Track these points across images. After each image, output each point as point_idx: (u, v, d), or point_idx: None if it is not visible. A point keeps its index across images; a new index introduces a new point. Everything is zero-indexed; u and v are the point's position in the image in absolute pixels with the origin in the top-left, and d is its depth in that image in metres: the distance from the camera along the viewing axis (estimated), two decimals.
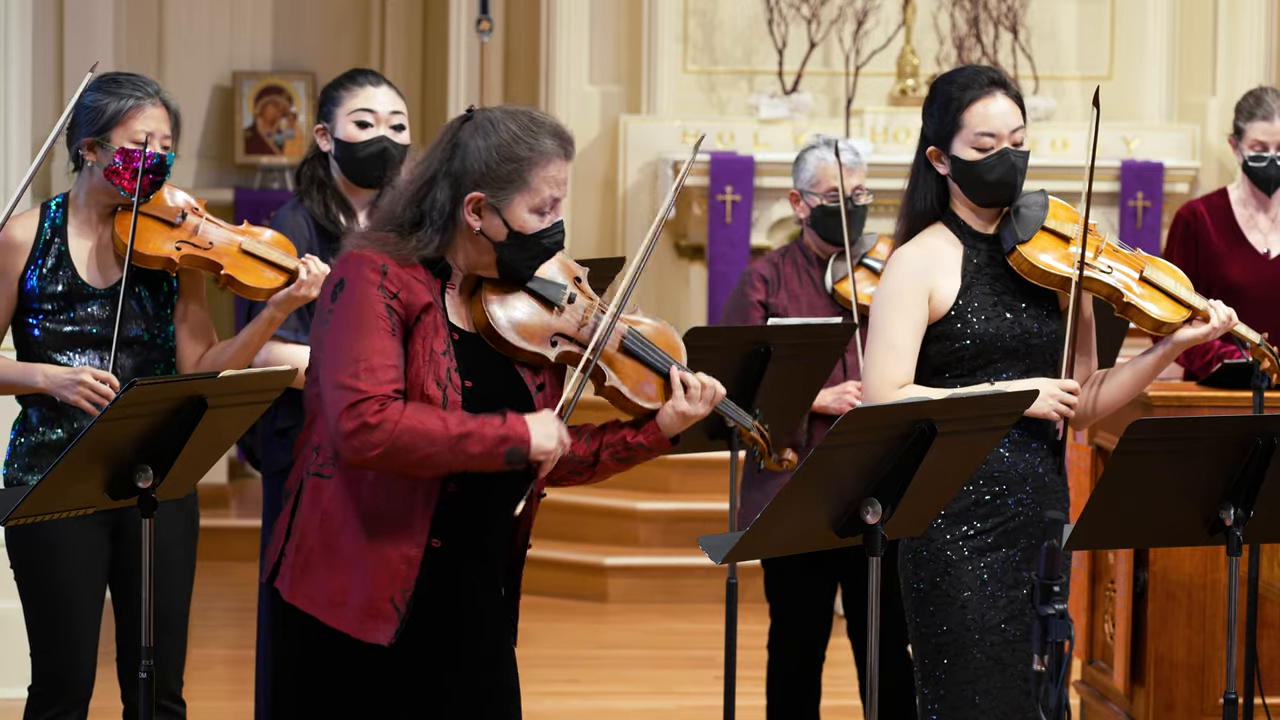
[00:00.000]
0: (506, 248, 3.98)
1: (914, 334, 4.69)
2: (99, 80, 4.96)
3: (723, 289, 10.53)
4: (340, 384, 3.87)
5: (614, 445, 4.09)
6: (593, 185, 10.82)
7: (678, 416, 4.05)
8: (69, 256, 4.94)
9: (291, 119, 11.71)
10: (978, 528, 4.68)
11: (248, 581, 8.68)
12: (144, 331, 4.96)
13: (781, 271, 6.08)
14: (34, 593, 4.96)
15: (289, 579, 3.99)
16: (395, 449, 3.85)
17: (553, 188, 3.98)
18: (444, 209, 3.96)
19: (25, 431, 4.97)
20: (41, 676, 4.97)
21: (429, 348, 3.93)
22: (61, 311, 4.92)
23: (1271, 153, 6.54)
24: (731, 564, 4.73)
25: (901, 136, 10.81)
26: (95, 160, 4.92)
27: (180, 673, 5.09)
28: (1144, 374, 4.85)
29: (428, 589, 3.97)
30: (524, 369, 4.05)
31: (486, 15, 10.92)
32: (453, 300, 4.02)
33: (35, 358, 4.93)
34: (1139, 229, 10.68)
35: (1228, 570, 4.47)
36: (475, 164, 3.95)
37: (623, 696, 7.68)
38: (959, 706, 4.67)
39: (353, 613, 3.94)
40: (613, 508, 9.53)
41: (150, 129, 4.90)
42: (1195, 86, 11.33)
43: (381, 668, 3.98)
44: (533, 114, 4.02)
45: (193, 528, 5.09)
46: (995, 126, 4.69)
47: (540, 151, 3.96)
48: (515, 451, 3.91)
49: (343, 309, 3.91)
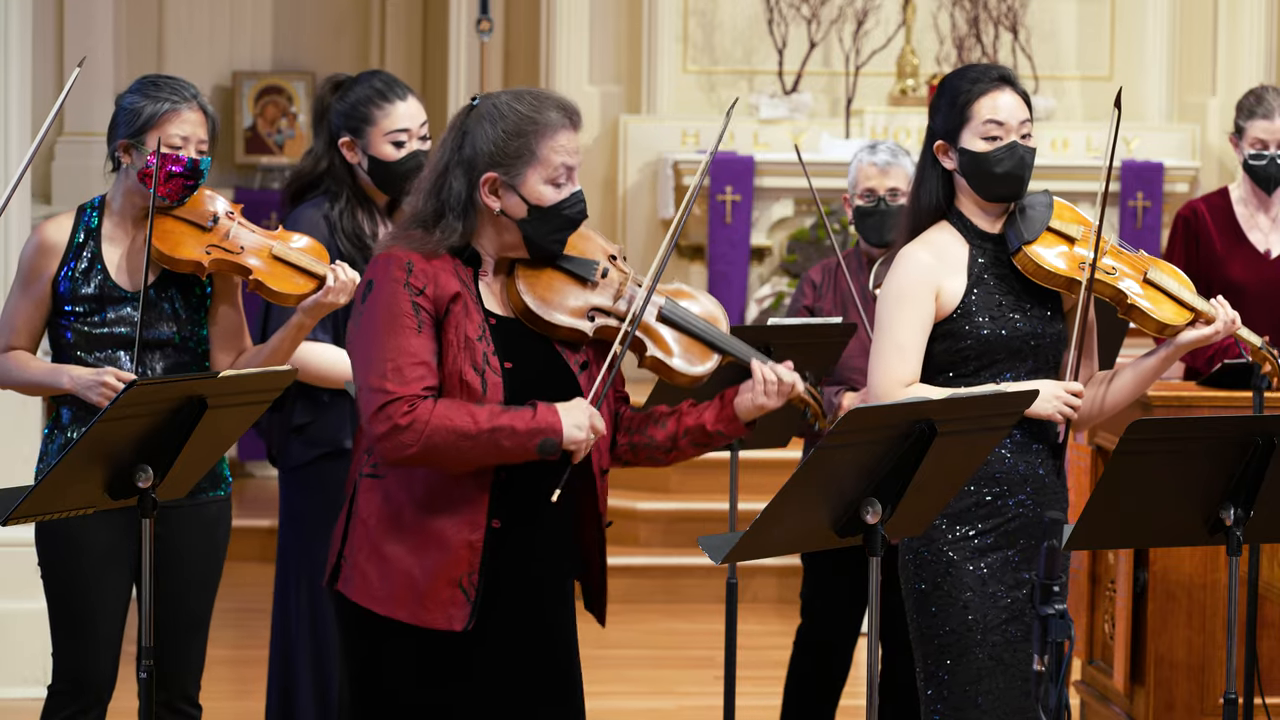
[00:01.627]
0: (529, 223, 4.01)
1: (920, 333, 4.69)
2: (139, 82, 4.99)
3: (723, 289, 10.54)
4: (370, 387, 3.93)
5: (693, 431, 4.14)
6: (593, 185, 10.82)
7: (755, 408, 4.10)
8: (101, 259, 4.96)
9: (291, 119, 11.71)
10: (979, 529, 4.68)
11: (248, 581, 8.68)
12: (175, 334, 4.96)
13: (833, 275, 6.12)
14: (56, 591, 4.98)
15: (353, 580, 4.02)
16: (429, 447, 3.89)
17: (564, 156, 4.02)
18: (461, 196, 4.00)
19: (56, 430, 5.00)
20: (61, 675, 4.99)
21: (462, 335, 3.97)
22: (93, 314, 4.94)
23: (1272, 151, 6.53)
24: (731, 564, 4.73)
25: (901, 136, 10.81)
26: (130, 162, 4.93)
27: (199, 676, 5.09)
28: (1146, 376, 4.85)
29: (495, 570, 4.00)
30: (565, 349, 4.07)
31: (486, 15, 10.92)
32: (488, 287, 4.05)
33: (67, 359, 4.95)
34: (1139, 229, 10.69)
35: (1228, 570, 4.47)
36: (485, 146, 4.00)
37: (623, 696, 7.68)
38: (962, 707, 4.67)
39: (422, 603, 3.97)
40: (613, 508, 9.47)
41: (185, 133, 4.91)
42: (1195, 86, 11.33)
43: (456, 654, 4.00)
44: (535, 91, 4.08)
45: (225, 530, 5.09)
46: (1003, 116, 4.69)
47: (546, 124, 4.02)
48: (548, 443, 3.93)
49: (370, 310, 3.96)
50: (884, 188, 6.03)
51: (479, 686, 4.04)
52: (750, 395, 4.10)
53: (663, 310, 4.11)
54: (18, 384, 5.00)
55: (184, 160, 4.89)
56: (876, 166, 6.04)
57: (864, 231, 6.06)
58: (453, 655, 4.01)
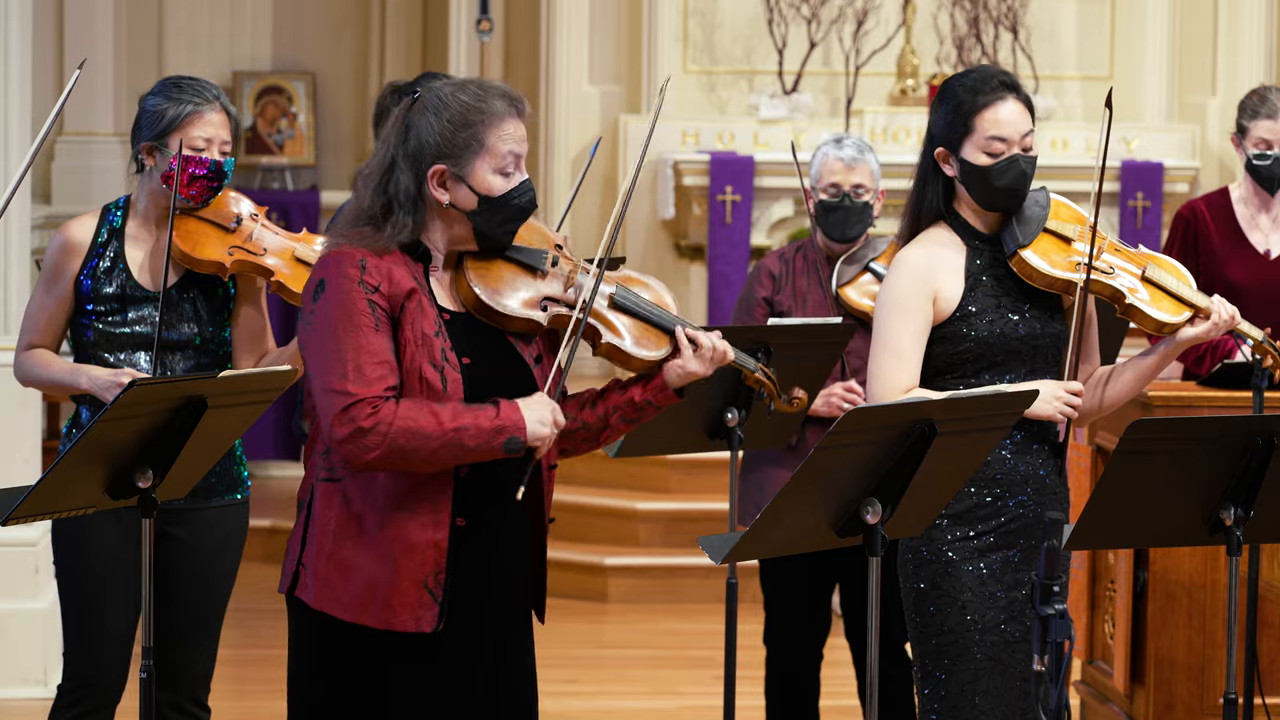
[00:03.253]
0: (479, 215, 3.97)
1: (918, 338, 4.68)
2: (162, 84, 5.00)
3: (723, 289, 10.54)
4: (330, 388, 3.86)
5: (622, 407, 4.10)
6: (593, 185, 10.82)
7: (685, 374, 4.06)
8: (124, 258, 4.98)
9: (291, 119, 11.71)
10: (979, 529, 4.68)
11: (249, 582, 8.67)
12: (196, 335, 4.97)
13: (791, 267, 6.08)
14: (70, 592, 5.00)
15: (313, 587, 3.97)
16: (391, 450, 3.84)
17: (512, 144, 3.97)
18: (409, 190, 3.95)
19: (75, 429, 5.03)
20: (71, 676, 5.00)
21: (419, 331, 3.92)
22: (115, 313, 4.95)
23: (1275, 151, 6.52)
24: (731, 564, 4.72)
25: (901, 136, 10.81)
26: (154, 164, 4.95)
27: (208, 679, 5.10)
28: (1146, 373, 4.85)
29: (461, 569, 3.98)
30: (518, 341, 4.04)
31: (486, 15, 10.92)
32: (439, 282, 4.01)
33: (88, 358, 4.97)
34: (1139, 229, 10.69)
35: (1228, 570, 4.47)
36: (430, 139, 3.95)
37: (623, 696, 7.68)
38: (960, 707, 4.66)
39: (383, 606, 3.93)
40: (613, 508, 9.53)
41: (208, 135, 4.92)
42: (1195, 86, 11.33)
43: (418, 655, 3.98)
44: (479, 80, 4.03)
45: (241, 534, 5.09)
46: (1006, 132, 4.68)
47: (492, 113, 3.96)
48: (513, 440, 3.90)
49: (324, 310, 3.90)
50: (849, 183, 6.00)
51: (445, 686, 4.00)
52: (679, 361, 4.05)
53: (614, 297, 4.07)
54: (39, 382, 5.03)
55: (207, 162, 4.91)
56: (843, 162, 6.00)
57: (826, 227, 6.02)
58: (418, 656, 3.97)
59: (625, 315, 4.08)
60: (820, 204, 6.03)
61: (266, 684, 5.52)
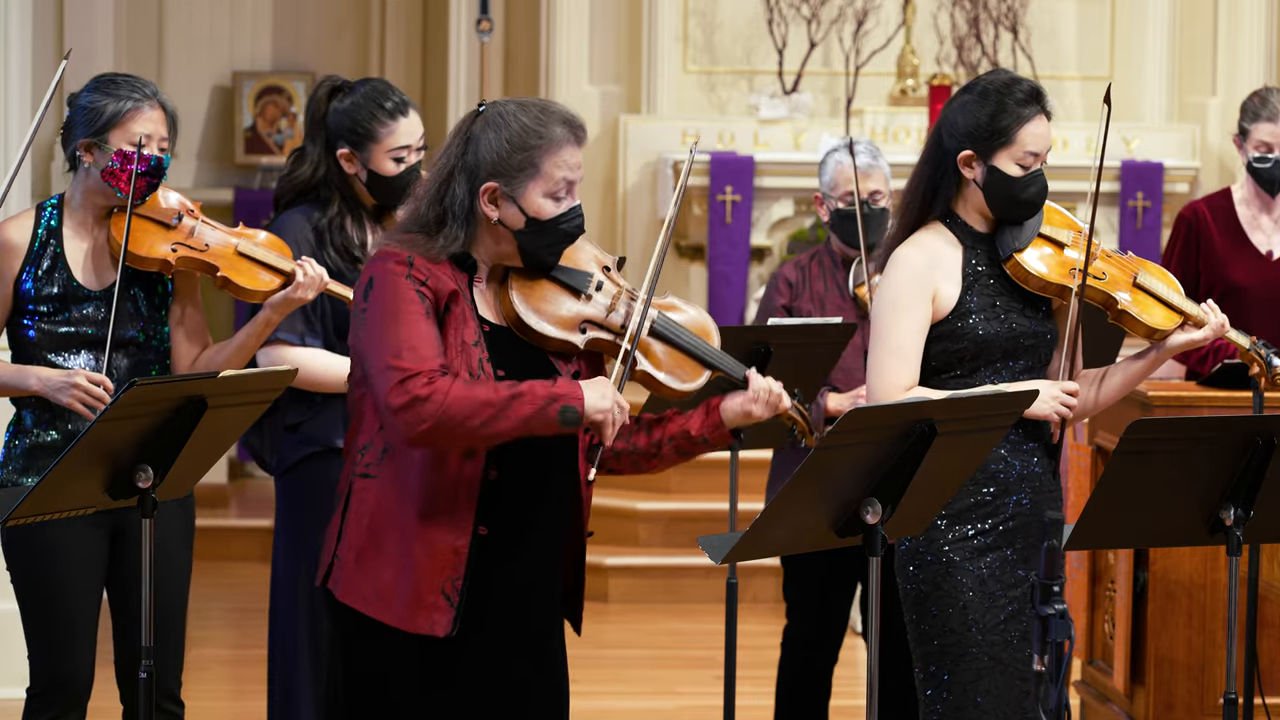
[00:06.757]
0: (525, 235, 4.00)
1: (918, 336, 4.68)
2: (96, 81, 4.95)
3: (723, 289, 10.54)
4: (387, 366, 3.88)
5: (676, 438, 4.12)
6: (593, 185, 10.82)
7: (743, 415, 4.09)
8: (64, 258, 4.93)
9: (291, 119, 11.71)
10: (978, 528, 4.68)
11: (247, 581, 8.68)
12: (139, 333, 4.95)
13: (808, 274, 6.10)
14: (31, 595, 4.96)
15: (341, 580, 4.01)
16: (445, 419, 3.85)
17: (566, 171, 4.00)
18: (464, 203, 3.99)
19: (19, 433, 4.95)
20: (39, 678, 4.97)
21: (460, 338, 3.96)
22: (57, 313, 4.92)
23: (1276, 154, 6.52)
24: (731, 564, 4.72)
25: (901, 136, 10.81)
26: (92, 161, 4.90)
27: (179, 673, 5.09)
28: (1134, 376, 4.88)
29: (480, 577, 3.99)
30: (558, 359, 4.07)
31: (486, 15, 10.92)
32: (482, 294, 4.04)
33: (30, 359, 4.92)
34: (1139, 229, 10.68)
35: (1228, 570, 4.47)
36: (488, 155, 3.98)
37: (623, 696, 7.68)
38: (962, 708, 4.67)
39: (404, 606, 3.96)
40: (613, 508, 9.52)
41: (148, 131, 4.89)
42: (1195, 86, 11.33)
43: (439, 660, 4.00)
44: (544, 104, 4.06)
45: (190, 528, 5.09)
46: (1042, 146, 4.71)
47: (550, 139, 3.99)
48: (569, 410, 3.90)
49: (376, 303, 3.94)
50: (865, 191, 6.00)
51: (465, 693, 4.03)
52: (740, 402, 4.09)
53: (655, 325, 4.09)
54: None
55: (148, 158, 4.87)
56: (859, 170, 6.00)
57: (845, 235, 6.03)
58: (439, 660, 4.00)
59: (663, 343, 4.10)
60: (837, 212, 6.05)
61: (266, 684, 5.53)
